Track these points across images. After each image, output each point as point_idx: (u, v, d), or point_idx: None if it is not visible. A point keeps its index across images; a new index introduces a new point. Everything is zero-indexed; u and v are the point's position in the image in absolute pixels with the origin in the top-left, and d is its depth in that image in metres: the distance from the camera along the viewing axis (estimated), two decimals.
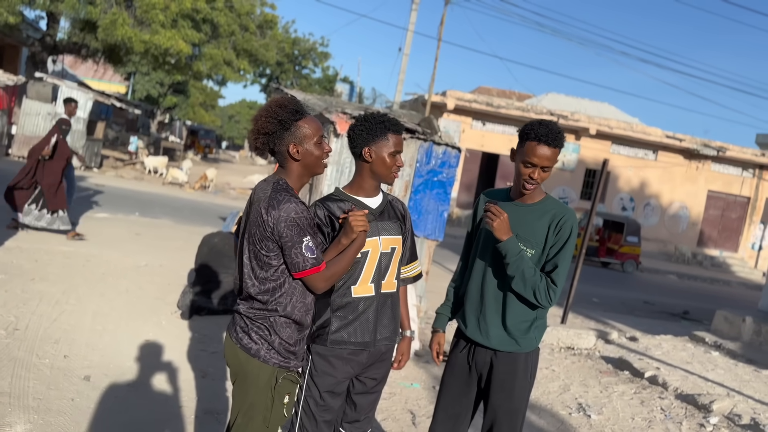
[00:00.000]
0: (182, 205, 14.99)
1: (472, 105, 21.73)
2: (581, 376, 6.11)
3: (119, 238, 9.06)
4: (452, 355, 2.81)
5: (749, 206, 24.76)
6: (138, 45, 17.51)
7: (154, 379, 4.33)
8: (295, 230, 2.17)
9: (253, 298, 2.28)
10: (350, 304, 2.52)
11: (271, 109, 2.25)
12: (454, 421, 2.74)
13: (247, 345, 2.27)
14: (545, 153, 2.51)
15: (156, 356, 4.76)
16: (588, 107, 26.87)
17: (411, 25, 19.45)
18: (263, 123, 2.24)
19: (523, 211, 2.64)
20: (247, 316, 2.29)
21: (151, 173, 20.95)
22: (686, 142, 23.34)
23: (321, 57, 44.49)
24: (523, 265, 2.51)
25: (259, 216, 2.21)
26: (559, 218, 2.56)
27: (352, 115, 5.78)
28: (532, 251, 2.58)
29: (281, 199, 2.19)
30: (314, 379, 2.54)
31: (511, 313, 2.61)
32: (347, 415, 2.67)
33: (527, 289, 2.52)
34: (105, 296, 6.05)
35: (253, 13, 23.23)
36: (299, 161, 2.28)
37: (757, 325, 7.95)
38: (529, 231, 2.59)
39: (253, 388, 2.27)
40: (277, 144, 2.26)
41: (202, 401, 4.10)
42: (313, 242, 2.21)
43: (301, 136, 2.26)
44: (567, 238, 2.54)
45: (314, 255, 2.20)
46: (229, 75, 23.60)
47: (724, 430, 4.97)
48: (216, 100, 56.28)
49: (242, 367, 2.28)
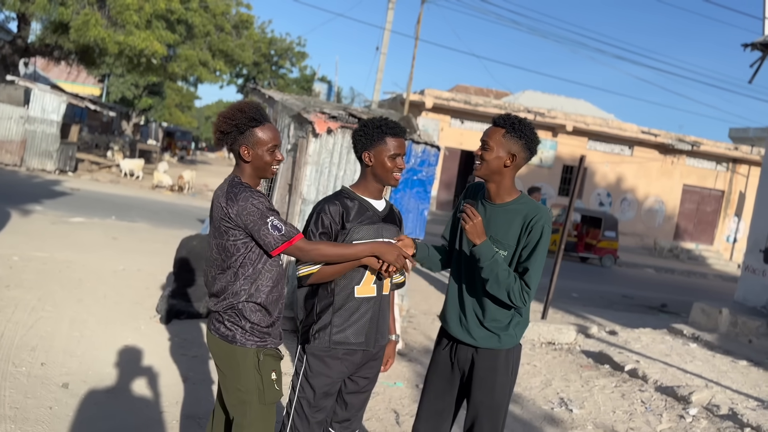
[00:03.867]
0: (160, 208, 14.82)
1: (450, 103, 21.80)
2: (562, 371, 6.16)
3: (96, 243, 8.93)
4: (435, 352, 2.81)
5: (723, 199, 25.18)
6: (112, 46, 17.26)
7: (134, 385, 4.27)
8: (257, 215, 2.33)
9: (220, 292, 2.44)
10: (353, 305, 2.56)
11: (232, 111, 2.42)
12: (438, 418, 2.74)
13: (224, 333, 2.43)
14: None
15: (135, 362, 4.70)
16: (564, 104, 27.10)
17: (388, 24, 19.45)
18: (221, 122, 2.42)
19: (497, 211, 2.63)
20: (218, 310, 2.44)
21: (127, 176, 20.69)
22: (661, 138, 23.65)
23: (298, 57, 44.28)
24: (497, 269, 2.51)
25: (220, 209, 2.38)
26: (530, 219, 2.55)
27: (331, 114, 5.76)
28: (505, 252, 2.58)
29: (238, 191, 2.37)
30: (309, 380, 2.54)
31: (491, 310, 2.61)
32: (337, 415, 2.67)
33: (501, 291, 2.52)
34: (82, 302, 5.96)
35: (228, 13, 23.03)
36: (249, 163, 2.45)
37: (733, 317, 8.09)
38: (501, 232, 2.59)
39: (241, 373, 2.41)
40: (231, 143, 2.44)
41: (184, 406, 4.06)
42: (277, 220, 2.37)
43: (254, 141, 2.42)
44: (538, 240, 2.53)
45: (281, 231, 2.36)
46: (204, 76, 23.36)
47: (703, 420, 5.04)
48: (192, 101, 55.67)
49: (225, 355, 2.43)
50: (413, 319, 7.43)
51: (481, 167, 2.60)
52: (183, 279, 6.06)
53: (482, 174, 2.62)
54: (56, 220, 10.26)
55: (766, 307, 8.26)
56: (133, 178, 20.60)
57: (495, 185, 2.62)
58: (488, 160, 2.57)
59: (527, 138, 2.57)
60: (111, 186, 17.92)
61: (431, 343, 6.48)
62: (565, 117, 22.96)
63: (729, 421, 4.99)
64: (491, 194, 2.65)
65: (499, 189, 2.63)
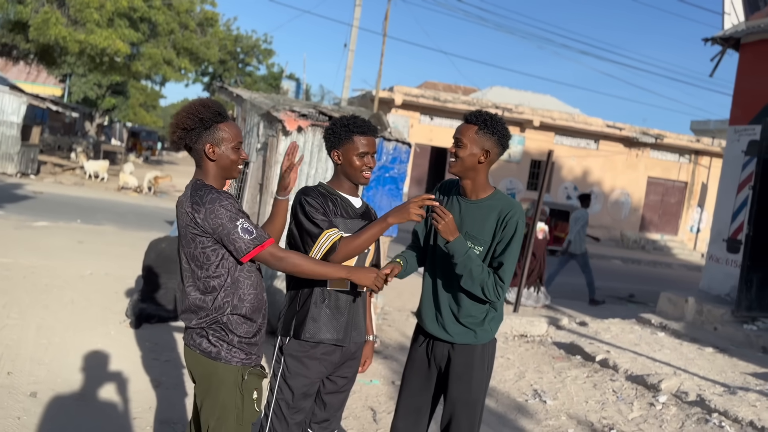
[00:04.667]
0: (126, 210, 14.56)
1: (420, 100, 21.85)
2: (535, 363, 6.24)
3: (61, 247, 8.73)
4: (412, 350, 2.82)
5: (687, 191, 25.75)
6: (73, 45, 16.87)
7: (106, 392, 4.19)
8: (226, 218, 2.18)
9: (199, 307, 2.27)
10: (326, 298, 2.53)
11: (194, 107, 2.27)
12: (416, 415, 2.75)
13: (206, 349, 2.27)
14: None
15: (106, 368, 4.61)
16: (531, 99, 27.38)
17: (355, 20, 19.40)
18: (183, 118, 2.26)
19: (471, 207, 2.66)
20: (200, 326, 2.28)
21: (91, 178, 20.27)
22: (626, 131, 24.07)
23: (265, 54, 43.88)
24: (471, 264, 2.52)
25: (185, 216, 2.23)
26: (505, 214, 2.57)
27: (301, 113, 5.72)
28: (480, 248, 2.60)
29: (203, 194, 2.21)
30: (287, 381, 2.51)
31: (466, 306, 2.63)
32: (316, 416, 2.65)
33: (475, 286, 2.54)
34: (49, 308, 5.82)
35: (192, 10, 22.68)
36: (214, 161, 2.30)
37: (698, 305, 8.28)
38: (477, 228, 2.61)
39: (221, 390, 2.26)
40: (194, 141, 2.28)
41: (158, 411, 4.00)
42: (248, 223, 2.21)
43: (219, 138, 2.28)
44: (513, 234, 2.55)
45: (253, 234, 2.20)
46: (169, 74, 22.99)
47: (672, 407, 5.15)
48: (157, 101, 54.82)
49: (206, 371, 2.28)
50: (388, 316, 7.44)
51: (456, 164, 2.62)
52: (152, 282, 5.96)
53: (457, 171, 2.64)
54: (19, 225, 10.00)
55: (729, 295, 8.48)
56: (98, 180, 20.19)
57: (470, 181, 2.65)
58: (463, 157, 2.59)
59: (500, 134, 2.60)
60: (75, 188, 17.54)
61: (406, 340, 6.50)
62: (532, 112, 23.21)
63: (697, 407, 5.12)
64: (467, 191, 2.67)
65: (474, 185, 2.65)
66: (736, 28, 8.86)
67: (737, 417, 4.83)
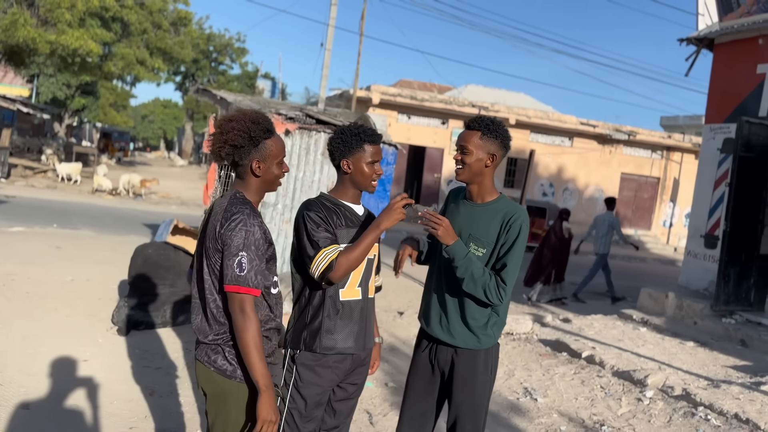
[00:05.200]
0: (102, 213, 14.32)
1: (397, 99, 21.88)
2: (523, 361, 6.31)
3: (39, 253, 8.56)
4: (415, 354, 2.84)
5: (659, 186, 26.23)
6: (43, 46, 16.52)
7: (100, 402, 4.13)
8: (237, 243, 2.13)
9: (217, 321, 2.23)
10: (340, 309, 2.54)
11: (245, 124, 2.22)
12: (421, 419, 2.77)
13: (221, 367, 2.22)
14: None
15: (97, 377, 4.54)
16: (506, 98, 27.62)
17: (331, 20, 19.35)
18: (234, 136, 2.21)
19: (477, 210, 2.69)
20: (215, 342, 2.24)
21: (64, 181, 19.89)
22: (599, 128, 24.41)
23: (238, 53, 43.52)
24: (472, 267, 2.55)
25: (213, 230, 2.20)
26: (510, 217, 2.61)
27: (288, 116, 5.70)
28: (483, 250, 2.63)
29: (235, 211, 2.18)
30: (300, 390, 2.51)
31: (470, 310, 2.66)
32: (326, 423, 2.65)
33: (478, 289, 2.56)
34: (33, 316, 5.71)
35: (165, 10, 22.42)
36: (259, 177, 2.29)
37: (678, 300, 8.45)
38: (481, 230, 2.64)
39: (234, 408, 2.22)
40: (242, 158, 2.25)
41: (155, 420, 3.96)
42: (247, 260, 2.13)
43: (266, 154, 2.27)
44: (516, 237, 2.59)
45: (243, 273, 2.13)
46: (142, 74, 22.71)
47: (659, 402, 5.26)
48: (127, 100, 54.03)
49: (219, 389, 2.23)
50: None
51: (464, 172, 2.65)
52: (139, 288, 5.89)
53: (465, 178, 2.67)
54: None
55: (707, 289, 8.68)
56: (71, 182, 19.81)
57: (477, 186, 2.69)
58: (469, 163, 2.63)
59: (502, 137, 2.66)
60: (48, 192, 17.20)
61: (396, 340, 6.52)
62: (508, 111, 23.40)
63: (683, 401, 5.23)
64: (473, 195, 2.71)
65: (480, 189, 2.69)
66: (710, 28, 9.07)
67: (722, 410, 4.96)
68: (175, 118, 68.31)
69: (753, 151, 7.82)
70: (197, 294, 2.30)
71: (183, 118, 57.31)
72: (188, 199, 20.57)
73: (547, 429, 4.63)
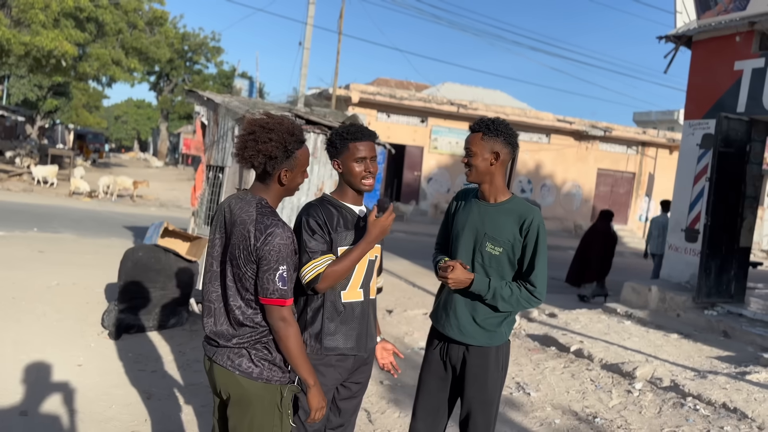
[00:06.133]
0: (82, 216, 14.13)
1: (376, 98, 21.91)
2: (513, 356, 6.39)
3: (22, 257, 8.43)
4: (427, 352, 2.88)
5: (635, 181, 26.66)
6: (17, 47, 16.21)
7: (97, 406, 4.10)
8: (275, 256, 2.16)
9: (242, 325, 2.25)
10: (341, 310, 2.57)
11: (282, 134, 2.23)
12: (434, 415, 2.82)
13: (247, 370, 2.24)
14: None
15: (93, 381, 4.50)
16: (483, 95, 27.83)
17: (310, 18, 19.30)
18: (271, 147, 2.22)
19: (491, 210, 2.74)
20: (240, 345, 2.25)
21: (40, 184, 19.56)
22: (576, 125, 24.73)
23: (213, 52, 43.16)
24: (500, 293, 2.62)
25: (245, 240, 2.20)
26: (526, 219, 2.65)
27: None
28: (500, 249, 2.67)
29: (269, 224, 2.19)
30: (304, 389, 2.52)
31: (482, 310, 2.71)
32: (331, 422, 2.68)
33: (515, 307, 2.66)
34: (21, 322, 5.63)
35: (140, 9, 22.14)
36: (284, 186, 2.32)
37: (661, 293, 8.62)
38: (497, 230, 2.68)
39: (259, 409, 2.24)
40: (274, 168, 2.27)
41: (154, 423, 3.94)
42: (287, 274, 2.19)
43: (295, 164, 2.30)
44: (537, 238, 2.64)
45: (285, 287, 2.18)
46: (118, 75, 22.39)
47: (648, 393, 5.38)
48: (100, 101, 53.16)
49: (244, 391, 2.25)
50: None
51: (472, 173, 2.72)
52: (130, 292, 5.83)
53: (475, 179, 2.73)
54: None
55: (689, 282, 8.86)
56: (47, 185, 19.49)
57: (488, 185, 2.74)
58: (475, 164, 2.70)
59: (504, 134, 2.71)
60: (25, 195, 16.90)
61: (388, 338, 6.56)
62: (486, 108, 23.58)
63: (672, 392, 5.36)
64: (485, 194, 2.76)
65: (491, 188, 2.74)
66: (688, 26, 9.25)
67: (710, 400, 5.09)
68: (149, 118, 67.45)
69: (732, 146, 8.01)
70: (217, 298, 2.30)
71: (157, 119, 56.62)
72: (167, 201, 20.36)
73: (542, 422, 4.70)
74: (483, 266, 2.70)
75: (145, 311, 5.81)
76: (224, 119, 6.28)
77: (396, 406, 4.70)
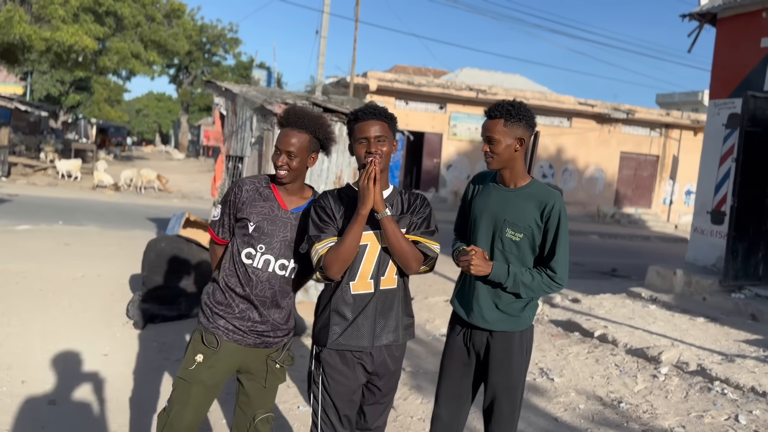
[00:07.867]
0: (105, 209, 14.32)
1: (394, 85, 21.80)
2: (536, 342, 6.34)
3: (48, 250, 8.57)
4: (449, 338, 2.86)
5: (658, 164, 26.25)
6: (38, 43, 16.42)
7: (124, 395, 4.16)
8: None
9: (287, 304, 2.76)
10: (349, 302, 2.46)
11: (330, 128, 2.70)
12: (457, 401, 2.80)
13: None
14: None
15: (120, 371, 4.57)
16: (502, 80, 27.54)
17: (326, 6, 19.23)
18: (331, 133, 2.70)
19: (510, 195, 2.68)
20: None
21: (64, 177, 19.86)
22: (598, 108, 24.37)
23: (231, 43, 43.32)
24: (519, 280, 2.59)
25: None
26: (547, 204, 2.60)
27: None
28: (521, 235, 2.62)
29: None
30: (327, 389, 2.49)
31: (504, 296, 2.67)
32: (358, 423, 2.65)
33: (536, 293, 2.63)
34: (49, 313, 5.73)
35: (158, 2, 22.25)
36: (306, 167, 2.68)
37: (687, 277, 8.49)
38: (516, 214, 2.64)
39: None
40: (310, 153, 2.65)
41: None
42: (218, 212, 2.70)
43: (316, 150, 2.69)
44: (558, 223, 2.59)
45: (215, 218, 2.72)
46: (138, 68, 22.58)
47: (675, 378, 5.31)
48: (121, 95, 53.77)
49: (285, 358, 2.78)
50: None
51: (494, 161, 2.64)
52: (154, 282, 5.90)
53: (497, 166, 2.66)
54: (1, 229, 9.78)
55: (715, 265, 8.71)
56: (71, 179, 19.78)
57: (509, 171, 2.68)
58: (498, 152, 2.61)
59: (526, 118, 2.63)
60: (50, 189, 17.18)
61: None
62: (505, 93, 23.34)
63: (699, 377, 5.28)
64: (505, 180, 2.70)
65: (512, 174, 2.68)
66: (712, 3, 9.03)
67: (738, 384, 5.00)
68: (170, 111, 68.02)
69: (759, 125, 7.82)
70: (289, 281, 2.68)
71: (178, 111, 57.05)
72: (189, 192, 20.55)
73: (566, 407, 4.67)
74: (503, 252, 2.65)
75: (168, 301, 5.87)
76: (242, 109, 6.28)
77: (418, 392, 4.70)
